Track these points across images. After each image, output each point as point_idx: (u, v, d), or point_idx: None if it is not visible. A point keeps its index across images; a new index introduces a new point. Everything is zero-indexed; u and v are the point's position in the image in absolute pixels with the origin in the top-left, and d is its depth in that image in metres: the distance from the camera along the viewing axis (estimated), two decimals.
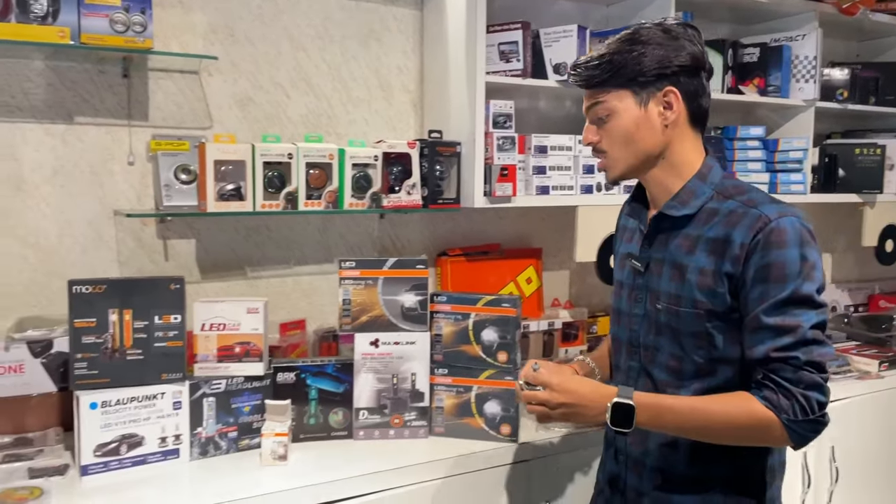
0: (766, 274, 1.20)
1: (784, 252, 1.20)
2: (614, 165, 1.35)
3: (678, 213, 1.31)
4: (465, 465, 1.65)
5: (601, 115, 1.32)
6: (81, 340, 1.49)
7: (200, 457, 1.60)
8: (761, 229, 1.21)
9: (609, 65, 1.29)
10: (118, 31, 1.62)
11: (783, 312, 1.20)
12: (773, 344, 1.20)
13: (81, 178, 1.83)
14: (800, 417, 1.17)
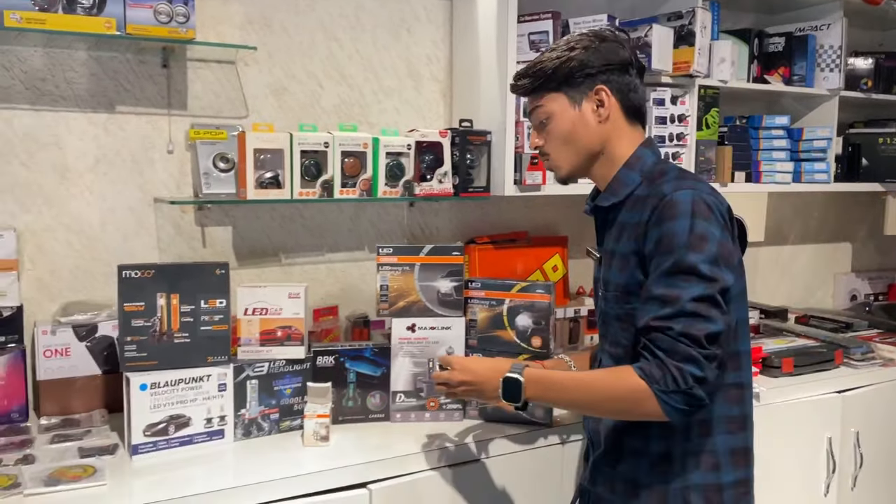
0: (658, 246, 1.24)
1: (673, 223, 1.23)
2: (560, 166, 1.42)
3: (607, 202, 1.39)
4: (499, 447, 1.69)
5: (541, 119, 1.41)
6: (131, 324, 1.53)
7: (244, 437, 1.64)
8: (657, 206, 1.26)
9: (540, 72, 1.38)
10: (162, 21, 1.66)
11: (668, 283, 1.22)
12: (654, 314, 1.21)
13: (123, 166, 1.87)
14: (671, 388, 1.17)
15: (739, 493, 1.33)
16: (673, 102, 2.29)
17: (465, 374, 1.40)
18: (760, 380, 2.11)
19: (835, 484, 2.19)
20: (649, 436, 1.32)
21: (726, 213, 1.29)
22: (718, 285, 1.20)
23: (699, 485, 1.30)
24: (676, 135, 2.30)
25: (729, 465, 1.32)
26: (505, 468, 1.68)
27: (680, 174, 1.34)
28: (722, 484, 1.31)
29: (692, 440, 1.31)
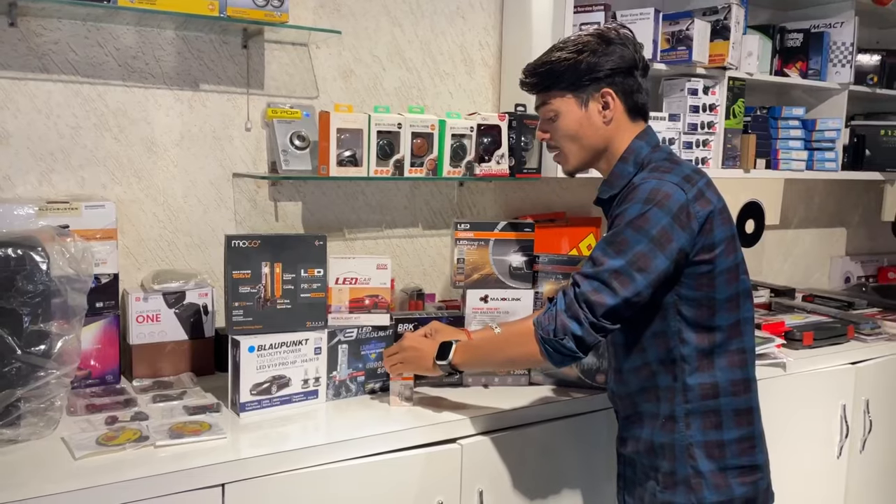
0: (612, 223, 1.44)
1: (629, 205, 1.38)
2: (567, 160, 1.55)
3: (605, 195, 1.52)
4: (562, 409, 1.83)
5: (549, 116, 1.52)
6: (238, 290, 1.63)
7: (334, 398, 1.76)
8: (628, 195, 1.41)
9: (549, 73, 1.49)
10: (259, 5, 1.75)
11: (602, 248, 1.38)
12: (582, 270, 1.39)
13: (205, 141, 1.95)
14: (549, 337, 1.37)
15: (744, 448, 1.46)
16: (705, 92, 2.44)
17: (406, 341, 1.64)
18: (785, 351, 2.29)
19: (847, 446, 2.39)
20: (658, 398, 1.47)
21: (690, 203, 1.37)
22: (639, 264, 1.34)
23: (701, 441, 1.44)
24: (707, 123, 2.46)
25: (732, 424, 1.45)
26: (570, 428, 1.83)
27: (658, 166, 1.44)
28: (724, 441, 1.45)
29: (695, 402, 1.44)
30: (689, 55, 2.29)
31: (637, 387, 1.51)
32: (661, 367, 1.46)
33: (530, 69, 1.53)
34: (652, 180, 1.39)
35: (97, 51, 1.80)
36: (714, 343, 1.43)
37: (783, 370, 2.21)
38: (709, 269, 1.40)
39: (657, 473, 1.49)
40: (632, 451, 1.56)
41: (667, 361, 1.45)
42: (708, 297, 1.41)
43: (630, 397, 1.54)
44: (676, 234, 1.36)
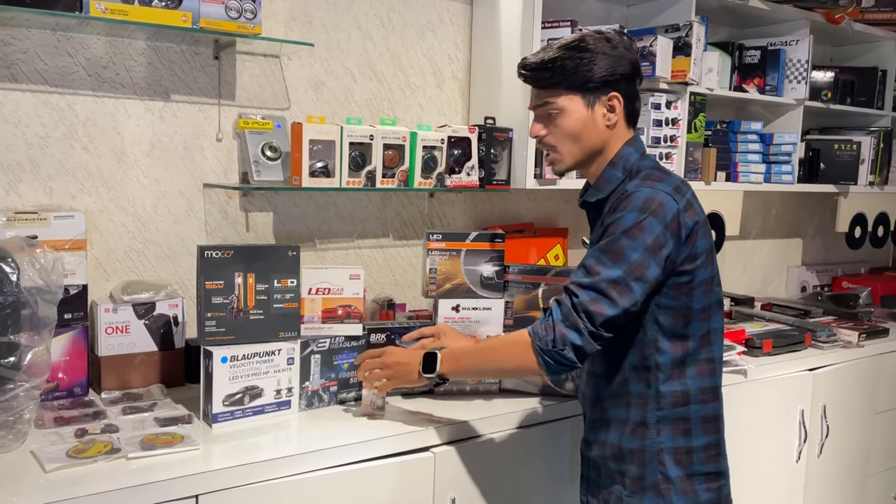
0: (605, 231, 1.41)
1: (624, 213, 1.39)
2: (562, 160, 1.53)
3: (592, 198, 1.52)
4: (534, 417, 1.86)
5: (551, 112, 1.48)
6: (211, 301, 1.63)
7: (307, 408, 1.76)
8: (620, 202, 1.42)
9: (561, 70, 1.45)
10: (232, 17, 1.75)
11: (597, 257, 1.38)
12: (575, 279, 1.39)
13: (175, 152, 1.95)
14: (548, 347, 1.36)
15: (710, 455, 1.50)
16: (667, 107, 2.51)
17: (389, 357, 1.62)
18: (745, 359, 2.36)
19: (805, 451, 2.47)
20: (629, 405, 1.49)
21: (681, 213, 1.40)
22: (636, 273, 1.35)
23: (671, 448, 1.47)
24: (670, 136, 2.53)
25: (700, 431, 1.48)
26: (541, 435, 1.86)
27: (649, 174, 1.46)
28: (692, 448, 1.48)
29: (667, 409, 1.47)
30: (653, 70, 2.35)
31: (609, 392, 1.53)
32: (634, 374, 1.48)
33: (538, 64, 1.48)
34: (645, 189, 1.40)
35: (67, 60, 1.79)
36: (686, 352, 1.46)
37: (744, 377, 2.27)
38: (689, 279, 1.43)
39: (624, 478, 1.51)
40: (598, 454, 1.58)
41: (641, 369, 1.47)
42: (685, 307, 1.44)
43: (600, 401, 1.55)
44: (668, 242, 1.38)
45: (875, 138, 3.14)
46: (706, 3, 2.57)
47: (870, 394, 2.67)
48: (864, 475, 2.72)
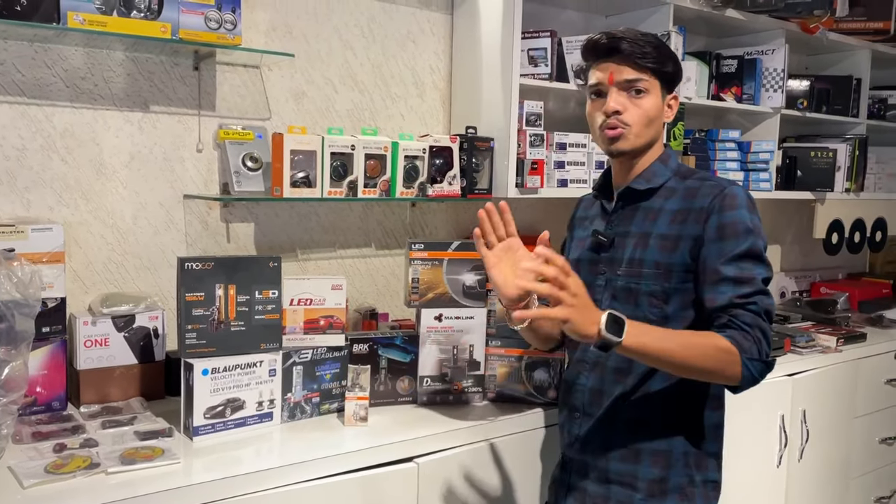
0: (722, 232, 1.41)
1: (736, 213, 1.41)
2: (631, 139, 1.49)
3: (642, 187, 1.52)
4: (516, 425, 1.86)
5: (638, 88, 1.46)
6: (192, 313, 1.61)
7: (289, 420, 1.75)
8: (717, 195, 1.44)
9: (661, 55, 1.48)
10: (212, 28, 1.75)
11: (739, 266, 1.39)
12: (735, 292, 1.37)
13: (155, 163, 1.94)
14: (755, 357, 1.35)
15: (718, 464, 1.54)
16: None
17: (581, 289, 1.28)
18: None
19: (786, 455, 2.49)
20: (658, 407, 1.48)
21: None
22: (771, 268, 1.43)
23: (694, 452, 1.50)
24: None
25: (711, 437, 1.52)
26: (522, 444, 1.86)
27: (707, 175, 1.54)
28: (706, 453, 1.52)
29: (688, 414, 1.50)
30: None
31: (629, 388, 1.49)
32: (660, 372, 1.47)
33: (640, 40, 1.46)
34: (737, 186, 1.46)
35: (45, 72, 1.77)
36: None
37: None
38: None
39: (636, 480, 1.49)
40: (596, 457, 1.54)
41: None
42: None
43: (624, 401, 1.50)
44: None
45: (850, 146, 3.19)
46: (683, 14, 2.60)
47: (849, 398, 2.70)
48: (844, 479, 2.75)
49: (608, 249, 1.55)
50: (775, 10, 2.73)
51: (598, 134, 1.53)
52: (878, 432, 2.86)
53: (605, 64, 1.49)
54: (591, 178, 2.43)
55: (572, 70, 2.38)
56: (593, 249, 1.59)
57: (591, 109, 1.54)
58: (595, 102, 1.53)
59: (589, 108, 1.55)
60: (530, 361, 1.94)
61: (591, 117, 1.54)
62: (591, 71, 1.53)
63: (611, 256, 1.55)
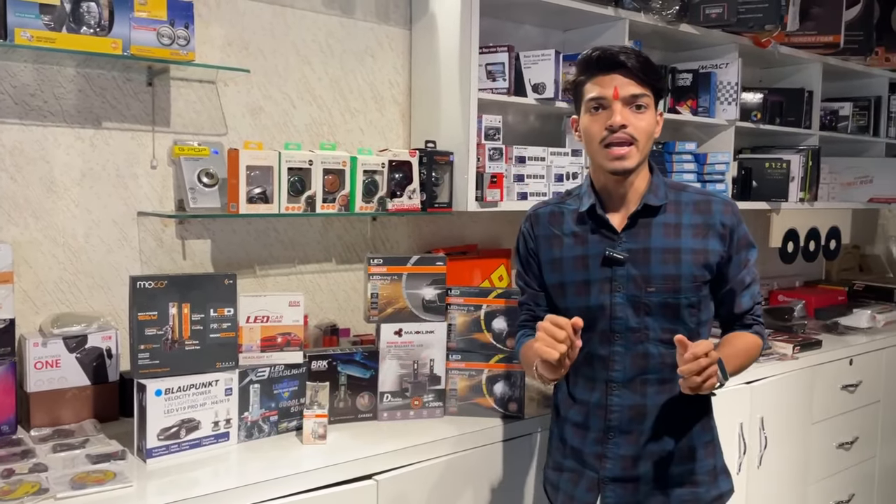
0: (740, 245, 1.59)
1: (743, 226, 1.61)
2: (634, 156, 1.51)
3: (657, 202, 1.56)
4: (478, 439, 1.86)
5: (640, 104, 1.49)
6: (144, 332, 1.59)
7: (246, 439, 1.73)
8: (732, 211, 1.59)
9: (656, 72, 1.55)
10: (164, 43, 1.73)
11: (751, 273, 1.61)
12: (753, 297, 1.62)
13: (108, 180, 1.91)
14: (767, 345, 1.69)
15: None
16: None
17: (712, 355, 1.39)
18: None
19: (745, 463, 2.52)
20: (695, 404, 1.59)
21: None
22: None
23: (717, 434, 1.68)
24: None
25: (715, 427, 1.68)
26: (484, 458, 1.86)
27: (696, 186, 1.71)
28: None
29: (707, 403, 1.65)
30: None
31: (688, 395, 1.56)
32: None
33: (643, 56, 1.51)
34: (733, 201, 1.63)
35: None
36: None
37: None
38: None
39: (694, 476, 1.60)
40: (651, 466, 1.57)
41: None
42: None
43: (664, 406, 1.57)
44: None
45: (804, 156, 3.26)
46: (639, 28, 2.64)
47: (806, 404, 2.75)
48: (803, 484, 2.79)
49: (624, 266, 1.56)
50: (728, 24, 2.78)
51: (599, 149, 1.52)
52: (835, 437, 2.92)
53: (607, 78, 1.49)
54: (551, 190, 2.45)
55: (530, 84, 2.40)
56: (601, 269, 1.57)
57: (590, 123, 1.53)
58: (596, 116, 1.52)
59: (587, 121, 1.54)
60: (491, 375, 1.94)
61: (590, 131, 1.53)
62: (588, 84, 1.52)
63: (629, 273, 1.55)
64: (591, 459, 1.61)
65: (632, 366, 1.57)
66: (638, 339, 1.56)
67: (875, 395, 3.07)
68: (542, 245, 1.68)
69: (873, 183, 3.66)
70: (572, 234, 1.63)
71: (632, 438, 1.58)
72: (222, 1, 2.04)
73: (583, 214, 1.61)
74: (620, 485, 1.59)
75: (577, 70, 1.57)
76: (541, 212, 1.72)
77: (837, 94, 3.64)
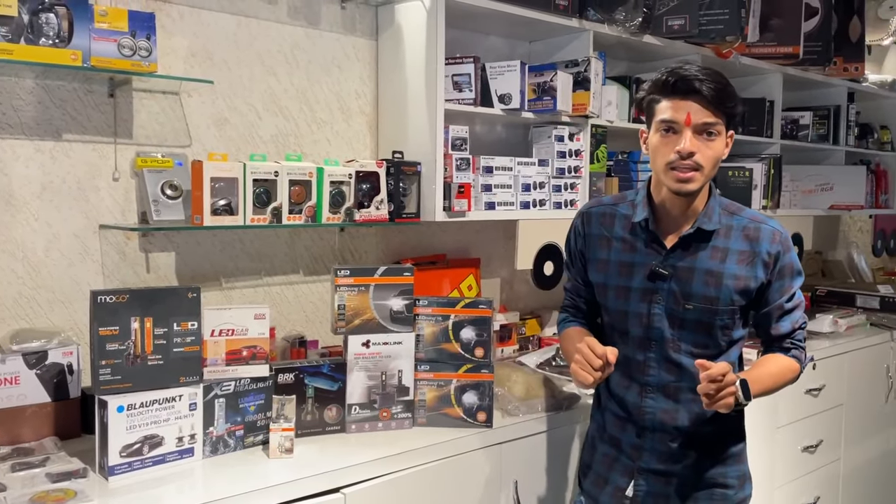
0: (783, 272, 1.63)
1: (790, 255, 1.64)
2: (699, 180, 1.55)
3: (710, 227, 1.61)
4: (447, 450, 1.86)
5: (710, 131, 1.52)
6: (105, 347, 1.56)
7: (212, 454, 1.70)
8: (779, 240, 1.62)
9: (733, 98, 1.54)
10: (125, 55, 1.71)
11: (794, 300, 1.65)
12: (793, 321, 1.66)
13: (69, 193, 1.87)
14: (804, 368, 1.69)
15: None
16: (570, 139, 2.59)
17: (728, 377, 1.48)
18: None
19: None
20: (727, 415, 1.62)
21: None
22: None
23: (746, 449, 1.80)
24: (573, 167, 2.61)
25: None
26: (453, 468, 1.86)
27: (754, 211, 1.70)
28: None
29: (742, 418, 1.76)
30: (554, 104, 2.43)
31: None
32: None
33: (720, 81, 1.51)
34: (785, 230, 1.65)
35: None
36: None
37: None
38: None
39: (725, 478, 1.70)
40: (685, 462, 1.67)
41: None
42: None
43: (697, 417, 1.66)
44: None
45: (766, 165, 3.32)
46: (603, 40, 2.68)
47: (771, 409, 2.79)
48: (769, 488, 2.83)
49: (666, 281, 1.63)
50: (690, 35, 2.83)
51: (664, 169, 1.56)
52: (800, 441, 2.96)
53: (682, 103, 1.51)
54: (518, 200, 2.46)
55: (496, 95, 2.41)
56: (645, 280, 1.65)
57: (660, 144, 1.56)
58: (666, 138, 1.55)
59: (657, 141, 1.57)
60: (460, 385, 1.94)
61: (659, 152, 1.56)
62: (661, 104, 1.55)
63: (671, 288, 1.63)
64: (629, 449, 1.72)
65: (666, 373, 1.66)
66: (672, 349, 1.65)
67: (838, 398, 3.13)
68: (590, 243, 1.75)
69: (833, 190, 3.74)
70: (621, 239, 1.69)
71: (666, 437, 1.68)
72: (185, 12, 2.02)
73: (636, 224, 1.67)
74: (654, 476, 1.69)
75: (652, 87, 1.59)
76: (593, 210, 1.77)
77: (798, 103, 3.72)
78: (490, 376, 1.92)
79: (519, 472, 1.99)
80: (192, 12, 2.03)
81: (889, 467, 3.52)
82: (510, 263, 2.78)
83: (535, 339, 2.75)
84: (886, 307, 3.57)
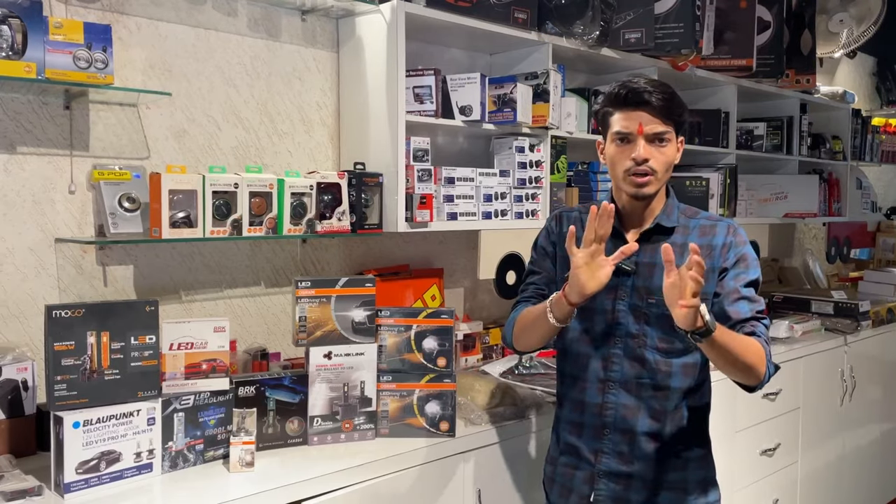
0: (739, 262, 1.66)
1: (746, 247, 1.68)
2: (656, 184, 1.65)
3: (669, 224, 1.69)
4: (409, 460, 1.86)
5: (662, 137, 1.62)
6: (61, 363, 1.54)
7: (171, 469, 1.68)
8: (732, 232, 1.68)
9: (681, 107, 1.64)
10: (81, 67, 1.70)
11: (751, 290, 1.65)
12: (752, 308, 1.63)
13: (23, 206, 1.85)
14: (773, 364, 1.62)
15: None
16: (531, 150, 2.63)
17: None
18: None
19: None
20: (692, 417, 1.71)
21: None
22: None
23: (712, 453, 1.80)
24: (534, 178, 2.64)
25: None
26: (416, 478, 1.86)
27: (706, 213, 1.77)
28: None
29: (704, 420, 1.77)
30: (514, 116, 2.46)
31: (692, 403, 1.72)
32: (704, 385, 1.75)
33: (668, 92, 1.61)
34: (738, 226, 1.71)
35: None
36: None
37: None
38: None
39: (685, 483, 1.71)
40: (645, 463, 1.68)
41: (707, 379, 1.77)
42: None
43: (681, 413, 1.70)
44: None
45: (722, 174, 3.40)
46: (562, 52, 2.72)
47: (730, 413, 2.85)
48: (729, 492, 2.88)
49: (630, 276, 1.69)
50: (646, 49, 2.89)
51: (622, 177, 1.65)
52: (758, 444, 3.02)
53: (634, 114, 1.61)
54: (480, 210, 2.48)
55: (457, 107, 2.43)
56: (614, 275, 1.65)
57: (617, 153, 1.65)
58: (621, 147, 1.64)
59: (613, 151, 1.66)
60: (422, 395, 1.94)
61: (615, 160, 1.66)
62: (615, 117, 1.65)
63: (634, 283, 1.69)
64: (588, 454, 1.74)
65: (629, 368, 1.69)
66: (636, 344, 1.69)
67: (795, 402, 3.20)
68: (563, 241, 1.77)
69: (788, 199, 3.84)
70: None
71: (626, 437, 1.70)
72: (143, 24, 2.01)
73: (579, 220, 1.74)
74: (615, 479, 1.71)
75: (605, 101, 1.69)
76: (565, 214, 1.86)
77: (752, 114, 3.82)
78: (453, 386, 1.93)
79: (482, 482, 2.00)
80: (149, 24, 2.02)
81: (845, 469, 3.61)
82: (473, 273, 2.80)
83: (499, 348, 2.77)
84: (840, 312, 3.67)
